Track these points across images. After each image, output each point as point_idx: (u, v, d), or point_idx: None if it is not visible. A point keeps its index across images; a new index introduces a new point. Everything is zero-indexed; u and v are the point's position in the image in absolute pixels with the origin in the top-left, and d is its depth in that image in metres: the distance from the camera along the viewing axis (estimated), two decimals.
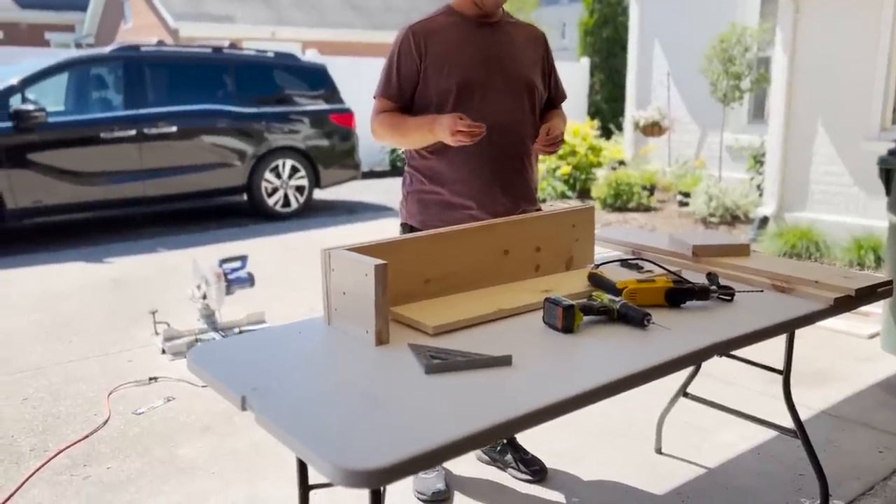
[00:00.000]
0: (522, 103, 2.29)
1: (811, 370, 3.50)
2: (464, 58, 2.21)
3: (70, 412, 3.11)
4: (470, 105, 2.20)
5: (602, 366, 1.55)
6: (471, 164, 2.24)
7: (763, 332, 1.76)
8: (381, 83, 2.28)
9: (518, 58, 2.29)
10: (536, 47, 2.36)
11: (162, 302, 4.55)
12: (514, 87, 2.26)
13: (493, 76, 2.23)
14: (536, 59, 2.35)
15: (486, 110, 2.20)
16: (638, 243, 2.48)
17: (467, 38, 2.23)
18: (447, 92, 2.19)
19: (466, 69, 2.20)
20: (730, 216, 6.82)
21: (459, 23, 2.24)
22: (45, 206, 6.28)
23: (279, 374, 1.50)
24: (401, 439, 1.22)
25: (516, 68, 2.27)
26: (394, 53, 2.24)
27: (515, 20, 2.38)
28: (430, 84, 2.21)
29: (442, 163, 2.26)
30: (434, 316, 1.76)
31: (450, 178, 2.26)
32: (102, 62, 7.02)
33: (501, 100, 2.24)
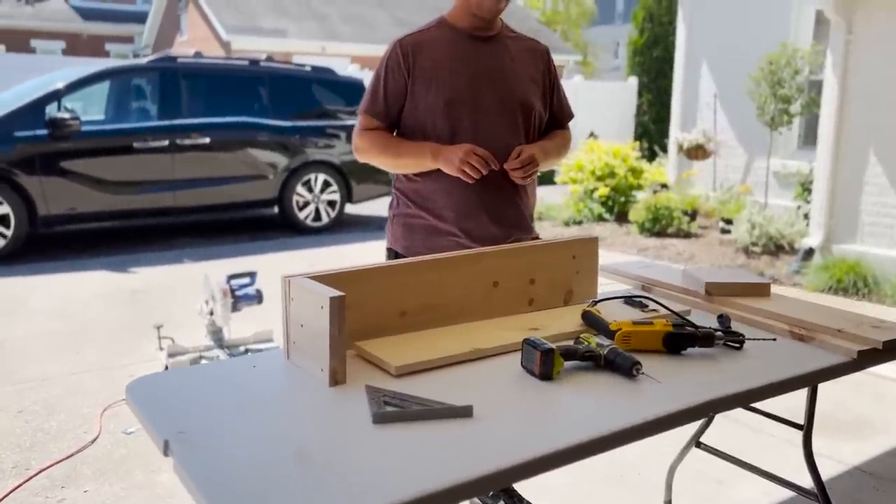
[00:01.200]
0: (516, 125, 2.12)
1: (848, 418, 3.22)
2: (453, 74, 2.05)
3: (61, 428, 3.03)
4: (458, 126, 2.05)
5: (577, 423, 1.37)
6: (459, 188, 2.07)
7: (770, 389, 1.55)
8: (366, 99, 2.13)
9: (514, 75, 2.12)
10: (537, 63, 2.18)
11: (176, 315, 4.49)
12: (507, 107, 2.09)
13: (483, 94, 2.06)
14: (536, 75, 2.17)
15: (475, 132, 2.04)
16: (648, 277, 2.28)
17: (459, 53, 2.07)
18: (434, 110, 2.04)
19: (455, 87, 2.04)
20: (773, 246, 6.49)
21: (451, 36, 2.09)
22: (76, 214, 6.34)
23: (214, 417, 1.35)
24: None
25: (511, 86, 2.11)
26: (381, 68, 2.10)
27: (516, 34, 2.21)
28: (418, 102, 2.06)
29: (429, 186, 2.11)
30: (401, 354, 1.60)
31: (436, 203, 2.11)
32: (141, 72, 7.09)
33: (493, 120, 2.08)
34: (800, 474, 2.07)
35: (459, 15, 2.09)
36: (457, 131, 2.04)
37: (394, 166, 2.14)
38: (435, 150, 2.02)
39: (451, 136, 2.06)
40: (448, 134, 2.05)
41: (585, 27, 28.66)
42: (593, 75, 26.64)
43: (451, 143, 2.05)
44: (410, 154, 2.07)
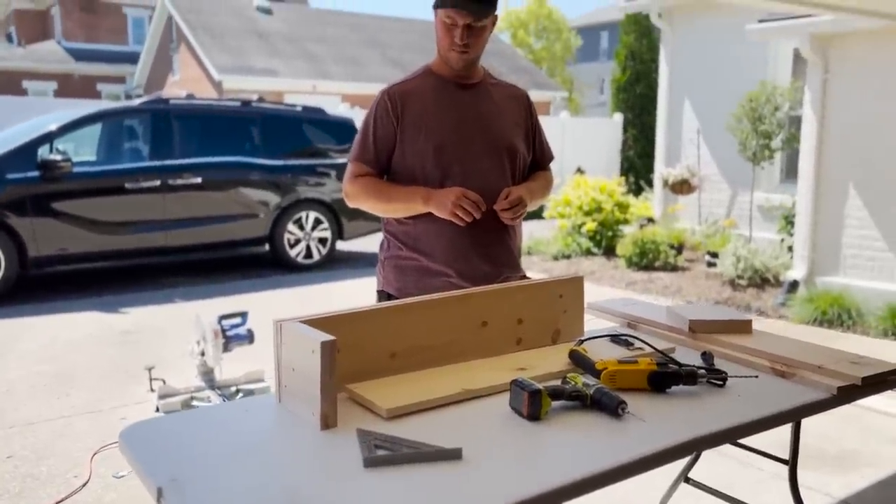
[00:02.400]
0: (503, 167, 2.19)
1: (835, 451, 3.25)
2: (441, 120, 2.13)
3: (51, 473, 3.02)
4: (448, 169, 2.11)
5: (565, 463, 1.40)
6: (450, 230, 2.13)
7: (753, 425, 1.59)
8: (356, 147, 2.20)
9: (498, 120, 2.20)
10: (519, 108, 2.27)
11: (167, 356, 4.49)
12: (493, 151, 2.17)
13: (471, 139, 2.14)
14: (519, 120, 2.26)
15: (464, 175, 2.12)
16: (634, 315, 2.33)
17: (445, 101, 2.15)
18: (424, 156, 2.11)
19: (443, 132, 2.12)
20: (759, 279, 6.57)
21: (437, 85, 2.17)
22: (67, 255, 6.35)
23: (207, 463, 1.38)
24: None
25: (496, 131, 2.18)
26: (370, 117, 2.17)
27: (497, 81, 2.29)
28: (407, 148, 2.13)
29: (419, 228, 2.16)
30: (392, 396, 1.63)
31: (428, 245, 2.16)
32: (133, 114, 7.17)
33: (481, 164, 2.15)
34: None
35: (441, 64, 2.17)
36: (447, 175, 2.10)
37: (385, 210, 2.20)
38: (426, 195, 2.08)
39: (442, 180, 2.12)
40: (438, 178, 2.12)
41: (571, 63, 29.15)
42: (579, 111, 27.02)
43: (442, 186, 2.11)
44: (401, 198, 2.13)
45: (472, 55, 2.12)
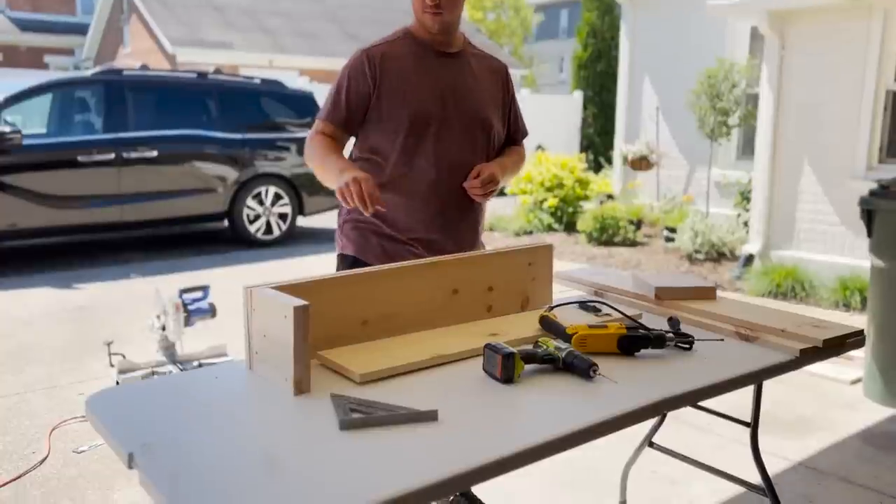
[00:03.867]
0: (476, 142, 2.15)
1: (791, 417, 3.35)
2: (419, 89, 2.07)
3: (7, 450, 2.95)
4: (422, 140, 2.07)
5: (538, 423, 1.41)
6: (419, 206, 2.10)
7: (719, 386, 1.63)
8: (326, 105, 2.12)
9: (477, 93, 2.15)
10: (497, 81, 2.23)
11: (125, 332, 4.40)
12: (469, 125, 2.13)
13: (448, 111, 2.09)
14: (496, 93, 2.22)
15: (438, 147, 2.08)
16: (601, 283, 2.35)
17: (424, 69, 2.09)
18: (398, 124, 2.06)
19: (421, 101, 2.07)
20: (716, 253, 6.70)
21: (417, 51, 2.11)
22: (17, 230, 6.16)
23: (178, 428, 1.35)
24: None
25: (474, 105, 2.14)
26: (343, 76, 2.09)
27: (478, 51, 2.24)
28: (383, 114, 2.07)
29: (386, 195, 2.11)
30: (365, 362, 1.62)
31: (394, 218, 2.12)
32: (85, 85, 6.94)
33: (455, 137, 2.11)
34: (748, 471, 2.15)
35: (419, 28, 2.11)
36: (419, 147, 2.06)
37: (319, 177, 2.10)
38: (341, 171, 1.93)
39: (414, 152, 2.08)
40: (411, 148, 2.07)
41: (530, 41, 29.12)
42: (538, 89, 27.07)
43: (413, 158, 2.08)
44: (328, 170, 2.01)
45: (446, 17, 2.05)
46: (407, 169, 2.09)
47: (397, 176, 2.09)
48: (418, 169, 2.09)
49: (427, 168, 2.09)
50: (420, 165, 2.09)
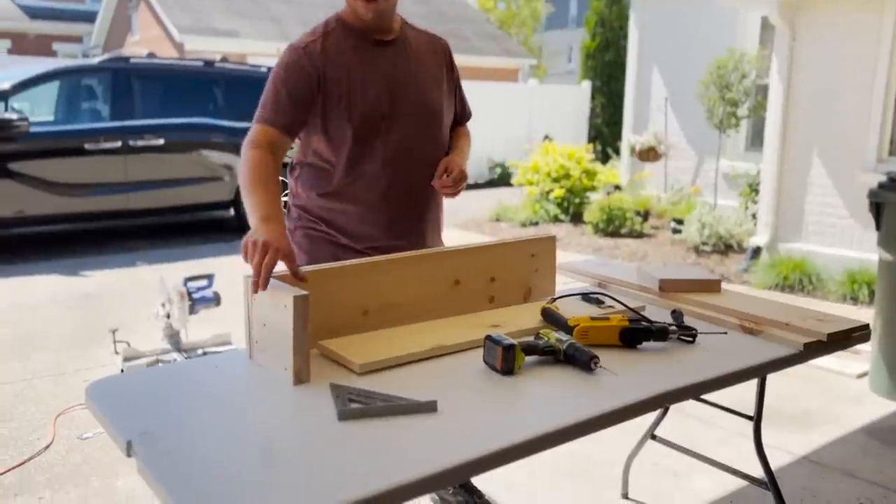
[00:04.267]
0: (431, 135, 2.03)
1: (796, 411, 3.33)
2: (364, 88, 1.91)
3: (13, 436, 2.96)
4: (371, 144, 1.94)
5: (538, 415, 1.40)
6: (366, 212, 1.99)
7: (722, 380, 1.61)
8: (264, 108, 1.89)
9: (424, 82, 2.01)
10: (440, 62, 2.08)
11: (131, 319, 4.41)
12: (421, 119, 2.00)
13: (398, 108, 1.95)
14: (440, 76, 2.07)
15: (388, 149, 1.95)
16: (604, 275, 2.34)
17: (368, 65, 1.93)
18: (345, 129, 1.91)
19: (368, 102, 1.91)
20: (723, 245, 6.67)
21: (356, 43, 1.93)
22: (25, 217, 6.17)
23: (178, 417, 1.35)
24: (297, 500, 1.08)
25: (423, 96, 2.00)
26: (280, 75, 1.88)
27: (417, 31, 2.08)
28: (327, 117, 1.91)
29: (337, 208, 2.00)
30: (365, 352, 1.62)
31: (342, 226, 2.01)
32: (92, 73, 6.95)
33: (406, 136, 1.97)
34: (751, 464, 2.14)
35: (352, 14, 1.94)
36: (367, 151, 1.94)
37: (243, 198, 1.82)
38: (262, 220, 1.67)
39: (362, 157, 1.94)
40: (359, 154, 1.93)
41: (539, 31, 28.96)
42: (547, 79, 26.94)
43: (361, 164, 1.93)
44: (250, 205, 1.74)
45: (380, 4, 1.88)
46: (356, 176, 1.96)
47: (346, 184, 1.97)
48: (369, 175, 1.96)
49: (378, 173, 1.96)
50: (370, 171, 1.96)
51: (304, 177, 2.06)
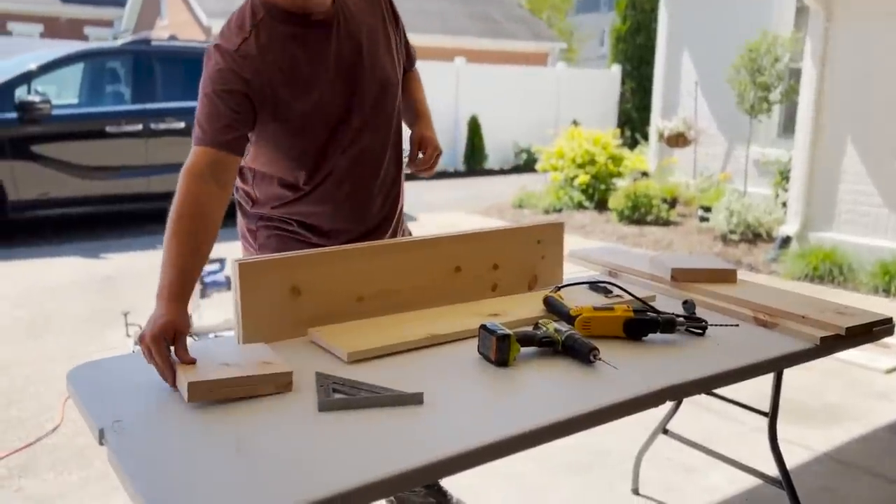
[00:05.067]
0: (390, 112, 1.83)
1: (818, 405, 3.22)
2: (316, 80, 1.68)
3: (22, 416, 2.97)
4: (334, 144, 1.74)
5: (530, 409, 1.33)
6: (336, 209, 1.82)
7: (731, 375, 1.53)
8: (201, 128, 1.61)
9: (375, 53, 1.76)
10: (377, 14, 1.80)
11: (147, 302, 4.41)
12: (380, 99, 1.78)
13: (354, 94, 1.73)
14: (387, 33, 1.81)
15: (352, 142, 1.76)
16: (615, 263, 2.25)
17: (310, 55, 1.67)
18: (302, 138, 1.71)
19: (323, 96, 1.69)
20: (751, 234, 6.50)
21: (295, 32, 1.65)
22: (47, 199, 6.23)
23: (153, 405, 1.31)
24: (268, 494, 1.03)
25: (379, 72, 1.77)
26: (212, 85, 1.60)
27: None
28: (276, 122, 1.67)
29: (302, 208, 1.81)
30: (355, 341, 1.56)
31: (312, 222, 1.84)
32: (114, 55, 6.97)
33: (368, 121, 1.77)
34: (769, 461, 2.05)
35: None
36: (329, 153, 1.75)
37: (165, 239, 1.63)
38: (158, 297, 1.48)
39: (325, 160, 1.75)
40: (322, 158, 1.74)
41: (571, 14, 28.58)
42: (578, 63, 26.60)
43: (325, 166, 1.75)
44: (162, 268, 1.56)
45: None
46: (321, 177, 1.77)
47: (311, 189, 1.78)
48: (336, 173, 1.77)
49: (345, 169, 1.77)
50: (336, 169, 1.77)
51: (260, 185, 1.83)
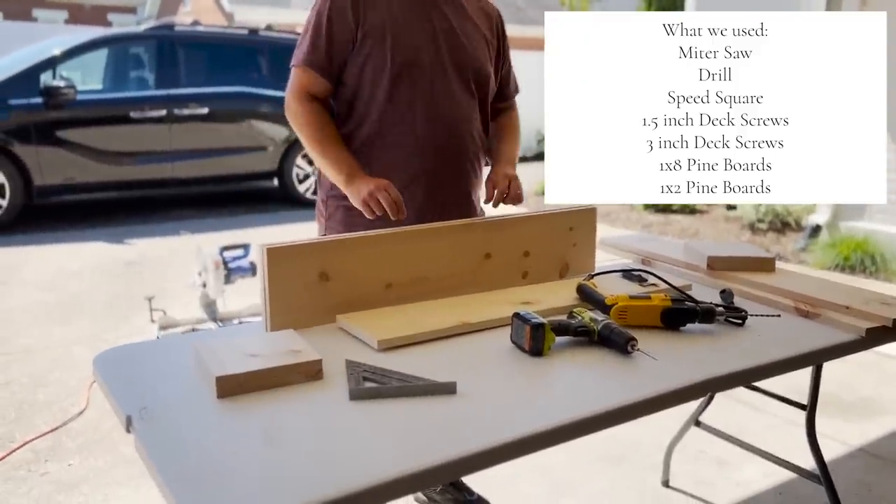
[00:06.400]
0: (471, 93, 1.90)
1: (853, 398, 3.14)
2: (408, 33, 1.80)
3: (48, 400, 2.98)
4: (411, 93, 1.81)
5: (567, 401, 1.29)
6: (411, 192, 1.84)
7: (772, 367, 1.47)
8: (303, 50, 1.82)
9: (472, 38, 1.89)
10: (491, 27, 1.97)
11: (170, 288, 4.42)
12: (463, 75, 1.87)
13: (441, 59, 1.83)
14: (491, 40, 1.96)
15: (427, 101, 1.83)
16: (649, 251, 2.20)
17: (415, 9, 1.82)
18: (382, 73, 1.80)
19: (411, 47, 1.80)
20: (780, 223, 6.38)
21: None
22: (72, 185, 6.26)
23: (181, 392, 1.28)
24: (296, 486, 1.00)
25: (469, 52, 1.88)
26: (321, 14, 1.79)
27: None
28: (366, 61, 1.80)
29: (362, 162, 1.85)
30: (385, 328, 1.52)
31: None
32: (138, 41, 6.97)
33: (447, 88, 1.85)
34: (803, 455, 2.00)
35: None
36: (408, 99, 1.82)
37: (314, 159, 1.88)
38: (350, 175, 1.76)
39: (400, 105, 1.82)
40: (399, 101, 1.82)
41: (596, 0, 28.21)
42: None
43: (398, 112, 1.82)
44: (330, 164, 1.80)
45: None
46: (392, 125, 1.84)
47: (377, 134, 1.85)
48: (406, 125, 1.84)
49: (418, 125, 1.84)
50: (408, 121, 1.84)
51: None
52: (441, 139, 1.87)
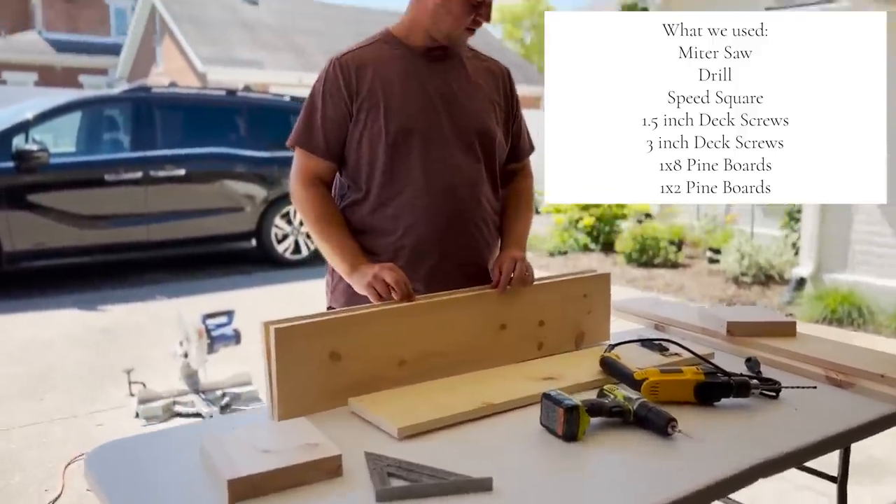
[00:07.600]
0: (476, 156, 1.81)
1: (863, 458, 3.05)
2: (404, 98, 1.74)
3: (23, 484, 2.78)
4: (408, 161, 1.74)
5: (610, 496, 1.18)
6: (415, 244, 1.77)
7: (821, 446, 1.39)
8: (299, 129, 1.78)
9: (473, 99, 1.82)
10: (497, 87, 1.89)
11: (149, 356, 4.24)
12: (465, 137, 1.79)
13: (440, 123, 1.76)
14: (496, 98, 1.88)
15: (425, 168, 1.75)
16: (662, 316, 2.12)
17: (410, 74, 1.76)
18: (380, 142, 1.73)
19: (406, 114, 1.73)
20: (763, 276, 6.39)
21: (401, 53, 1.78)
22: (44, 250, 6.06)
23: (178, 493, 1.15)
24: None
25: (469, 113, 1.80)
26: (317, 92, 1.77)
27: (475, 53, 1.90)
28: (363, 131, 1.75)
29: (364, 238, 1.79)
30: (403, 412, 1.41)
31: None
32: (113, 103, 6.89)
33: (449, 153, 1.77)
34: None
35: (411, 33, 1.78)
36: (404, 166, 1.75)
37: (318, 246, 1.82)
38: (353, 266, 1.70)
39: (400, 173, 1.75)
40: (396, 167, 1.75)
41: None
42: None
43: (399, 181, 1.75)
44: (333, 253, 1.76)
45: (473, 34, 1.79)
46: (391, 197, 1.76)
47: (378, 206, 1.77)
48: (405, 196, 1.75)
49: (417, 194, 1.75)
50: (407, 191, 1.76)
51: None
52: (441, 206, 1.78)
